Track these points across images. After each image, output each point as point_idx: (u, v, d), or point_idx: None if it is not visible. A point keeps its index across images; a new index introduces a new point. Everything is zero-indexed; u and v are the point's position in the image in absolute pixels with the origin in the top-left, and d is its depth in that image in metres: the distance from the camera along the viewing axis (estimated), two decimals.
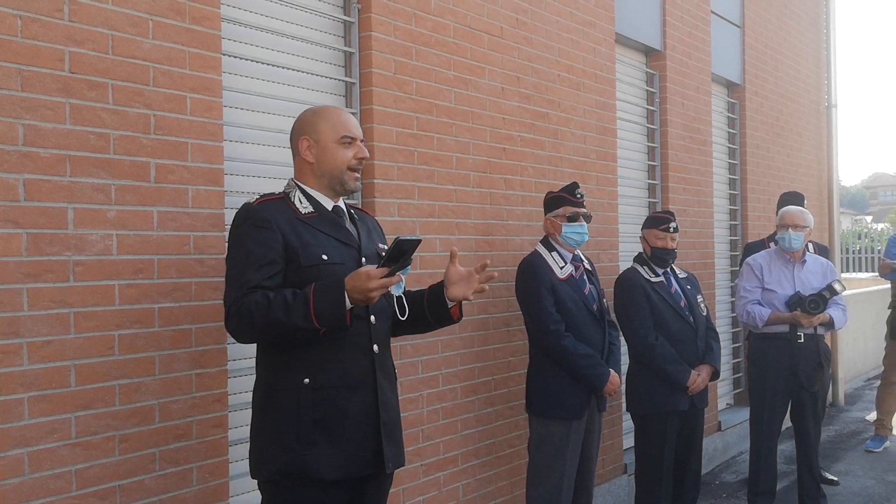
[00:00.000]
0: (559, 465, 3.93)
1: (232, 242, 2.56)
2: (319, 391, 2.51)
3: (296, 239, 2.53)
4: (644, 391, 4.50)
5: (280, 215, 2.54)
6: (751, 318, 5.01)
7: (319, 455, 2.50)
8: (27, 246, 2.50)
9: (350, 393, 2.56)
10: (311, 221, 2.60)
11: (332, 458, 2.51)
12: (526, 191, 4.57)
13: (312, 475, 2.49)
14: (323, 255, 2.55)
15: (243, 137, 3.29)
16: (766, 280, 5.03)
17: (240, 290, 2.44)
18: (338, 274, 2.51)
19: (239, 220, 2.56)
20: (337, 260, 2.57)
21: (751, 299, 5.04)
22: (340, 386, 2.54)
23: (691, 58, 6.38)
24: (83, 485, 2.61)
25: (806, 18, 8.76)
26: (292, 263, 2.51)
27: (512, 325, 4.43)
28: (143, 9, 2.80)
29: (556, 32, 4.84)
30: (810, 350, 4.98)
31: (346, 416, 2.55)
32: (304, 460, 2.49)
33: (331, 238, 2.61)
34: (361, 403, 2.58)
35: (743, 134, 7.39)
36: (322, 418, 2.51)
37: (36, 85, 2.52)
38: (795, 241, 4.98)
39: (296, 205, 2.61)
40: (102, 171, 2.68)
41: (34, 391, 2.51)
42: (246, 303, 2.42)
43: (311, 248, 2.54)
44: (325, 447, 2.51)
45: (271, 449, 2.52)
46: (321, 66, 3.62)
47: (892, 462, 6.61)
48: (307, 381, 2.50)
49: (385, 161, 3.72)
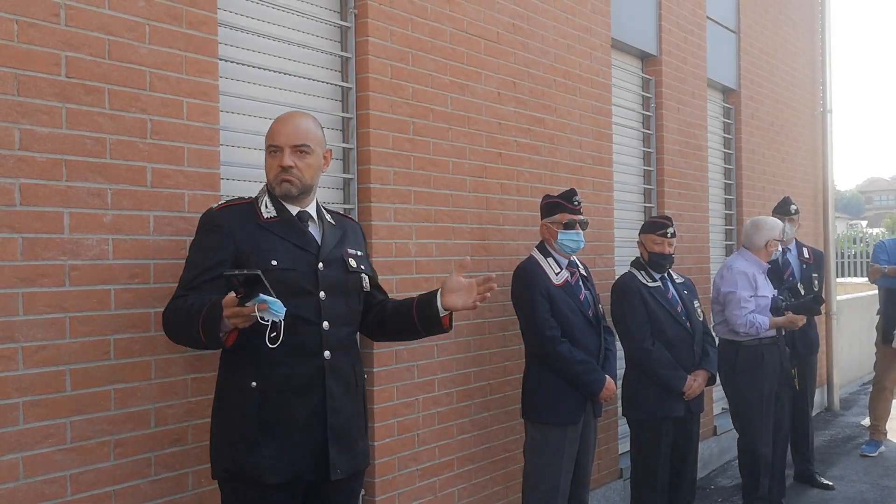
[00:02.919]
0: (555, 470, 3.93)
1: (190, 246, 2.67)
2: (264, 394, 2.55)
3: (249, 244, 2.57)
4: (640, 396, 4.50)
5: (237, 220, 2.60)
6: (754, 329, 5.00)
7: (262, 457, 2.53)
8: (23, 250, 2.50)
9: (296, 397, 2.57)
10: (271, 226, 2.63)
11: (275, 461, 2.54)
12: (522, 195, 4.58)
13: (254, 476, 2.53)
14: (273, 261, 2.56)
15: (240, 142, 3.29)
16: (758, 287, 5.11)
17: (175, 293, 2.57)
18: (287, 279, 2.53)
19: (198, 224, 2.66)
20: (288, 265, 2.59)
21: (751, 309, 5.05)
22: (285, 390, 2.57)
23: (687, 63, 6.40)
24: (78, 490, 2.61)
25: (801, 24, 8.79)
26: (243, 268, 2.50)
27: (508, 330, 4.43)
28: (139, 13, 2.80)
29: (553, 38, 4.85)
30: (786, 350, 5.31)
31: (292, 420, 2.56)
32: (247, 460, 2.53)
33: (287, 243, 2.62)
34: (308, 408, 2.59)
35: (738, 139, 7.40)
36: (267, 421, 2.54)
37: (32, 89, 2.52)
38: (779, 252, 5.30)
39: (260, 210, 2.66)
40: (98, 175, 2.68)
41: (29, 396, 2.51)
42: (170, 306, 2.55)
43: (262, 253, 2.57)
44: (269, 450, 2.54)
45: (221, 449, 2.60)
46: (318, 70, 3.63)
47: (887, 467, 6.62)
48: (254, 385, 2.55)
49: (381, 166, 3.72)
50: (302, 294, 2.59)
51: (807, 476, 6.13)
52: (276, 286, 2.33)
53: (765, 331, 5.02)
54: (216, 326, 2.38)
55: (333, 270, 2.69)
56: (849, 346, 9.62)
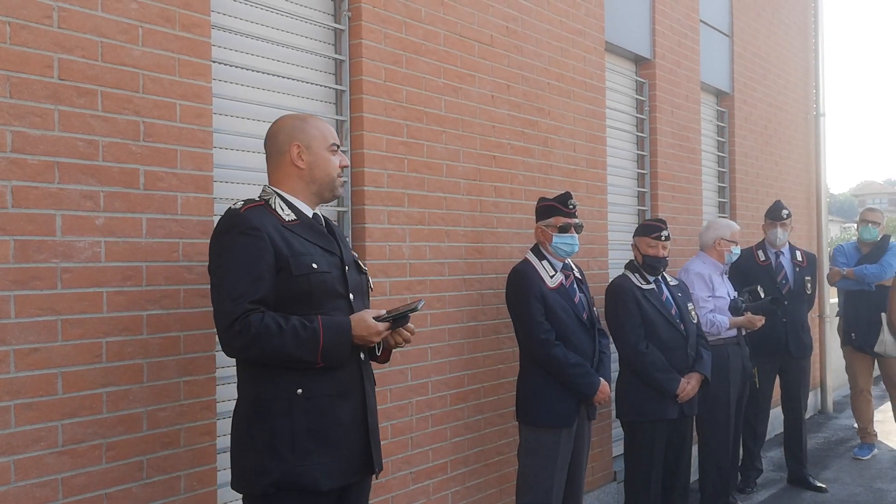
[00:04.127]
0: (548, 473, 3.93)
1: (219, 250, 2.51)
2: (312, 400, 2.51)
3: (285, 247, 2.51)
4: (634, 399, 4.51)
5: (267, 222, 2.52)
6: (715, 328, 5.10)
7: (314, 465, 2.49)
8: (15, 253, 2.49)
9: (341, 400, 2.56)
10: (296, 229, 2.59)
11: (328, 466, 2.51)
12: (516, 198, 4.58)
13: (309, 486, 2.49)
14: (313, 264, 2.54)
15: (233, 145, 3.29)
16: (714, 288, 5.21)
17: (239, 305, 2.41)
18: (326, 282, 2.54)
19: (225, 227, 2.52)
20: (325, 269, 2.57)
21: (710, 308, 5.16)
22: (332, 394, 2.54)
23: (680, 66, 6.41)
24: (70, 493, 2.60)
25: (794, 28, 8.82)
26: (283, 272, 2.49)
27: (501, 333, 4.43)
28: (132, 16, 2.80)
29: (547, 41, 4.86)
30: (745, 350, 5.38)
31: (339, 423, 2.55)
32: (301, 471, 2.48)
33: (316, 246, 2.60)
34: (351, 410, 2.59)
35: (732, 142, 7.43)
36: (315, 427, 2.51)
37: (24, 91, 2.51)
38: (737, 253, 5.42)
39: (278, 212, 2.60)
40: (91, 178, 2.68)
41: (21, 399, 2.50)
42: (255, 324, 2.39)
43: (301, 256, 2.53)
44: (320, 456, 2.50)
45: (265, 461, 2.48)
46: (311, 73, 3.63)
47: (880, 469, 6.63)
48: (300, 392, 2.49)
49: (375, 168, 3.72)
50: (337, 297, 2.59)
51: (800, 478, 6.14)
52: (318, 290, 2.50)
53: (725, 330, 5.12)
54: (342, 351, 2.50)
55: (354, 272, 2.70)
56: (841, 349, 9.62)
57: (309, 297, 2.52)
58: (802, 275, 6.03)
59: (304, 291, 2.51)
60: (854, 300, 6.91)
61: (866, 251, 6.92)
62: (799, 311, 6.01)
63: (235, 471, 2.58)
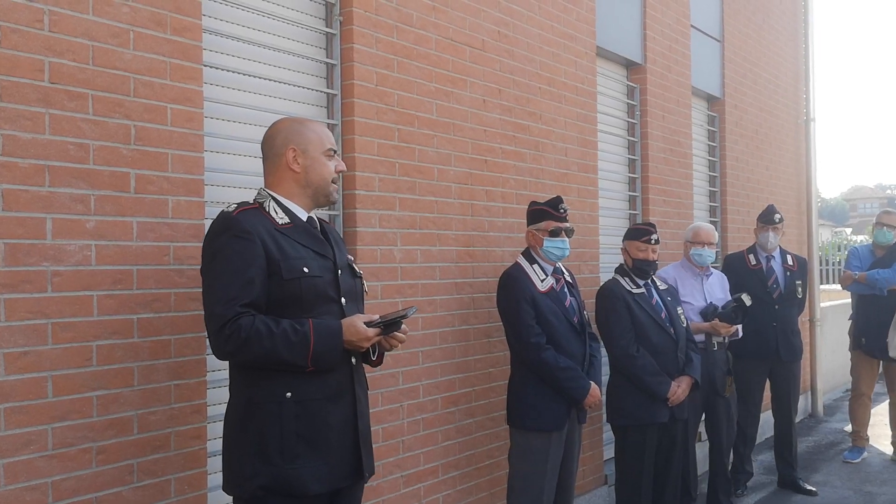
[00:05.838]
0: (539, 476, 3.93)
1: (211, 253, 2.52)
2: (302, 404, 2.51)
3: (277, 251, 2.52)
4: (624, 403, 4.52)
5: (259, 225, 2.53)
6: None
7: (303, 468, 2.49)
8: (4, 256, 2.49)
9: (331, 404, 2.56)
10: (289, 232, 2.59)
11: (317, 470, 2.52)
12: (507, 202, 4.59)
13: (298, 489, 2.49)
14: (304, 268, 2.54)
15: (224, 148, 3.29)
16: (681, 293, 5.13)
17: (230, 308, 2.41)
18: (317, 287, 2.54)
19: (218, 230, 2.52)
20: (316, 273, 2.58)
21: None
22: (322, 398, 2.54)
23: (671, 71, 6.44)
24: (59, 497, 2.59)
25: (784, 33, 8.86)
26: (274, 276, 2.50)
27: (492, 337, 4.44)
28: (124, 19, 2.80)
29: (538, 45, 4.88)
30: (720, 358, 5.23)
31: (329, 427, 2.55)
32: (289, 474, 2.48)
33: (308, 250, 2.60)
34: (342, 414, 2.60)
35: (723, 147, 7.46)
36: (305, 431, 2.51)
37: (15, 95, 2.51)
38: (709, 257, 5.32)
39: (272, 215, 2.60)
40: (82, 181, 2.68)
41: (10, 402, 2.49)
42: (246, 327, 2.40)
43: (292, 260, 2.54)
44: (309, 460, 2.51)
45: (254, 464, 2.49)
46: (303, 77, 3.63)
47: (869, 473, 6.66)
48: (289, 395, 2.49)
49: (366, 172, 3.72)
50: (329, 301, 2.60)
51: (790, 482, 6.16)
52: (309, 294, 2.50)
53: None
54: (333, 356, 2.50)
55: (347, 276, 2.70)
56: (832, 353, 9.67)
57: (300, 300, 2.52)
58: (793, 279, 6.05)
59: (294, 295, 2.51)
60: (865, 305, 6.88)
61: (881, 254, 6.88)
62: (789, 315, 6.02)
63: (226, 473, 2.59)
